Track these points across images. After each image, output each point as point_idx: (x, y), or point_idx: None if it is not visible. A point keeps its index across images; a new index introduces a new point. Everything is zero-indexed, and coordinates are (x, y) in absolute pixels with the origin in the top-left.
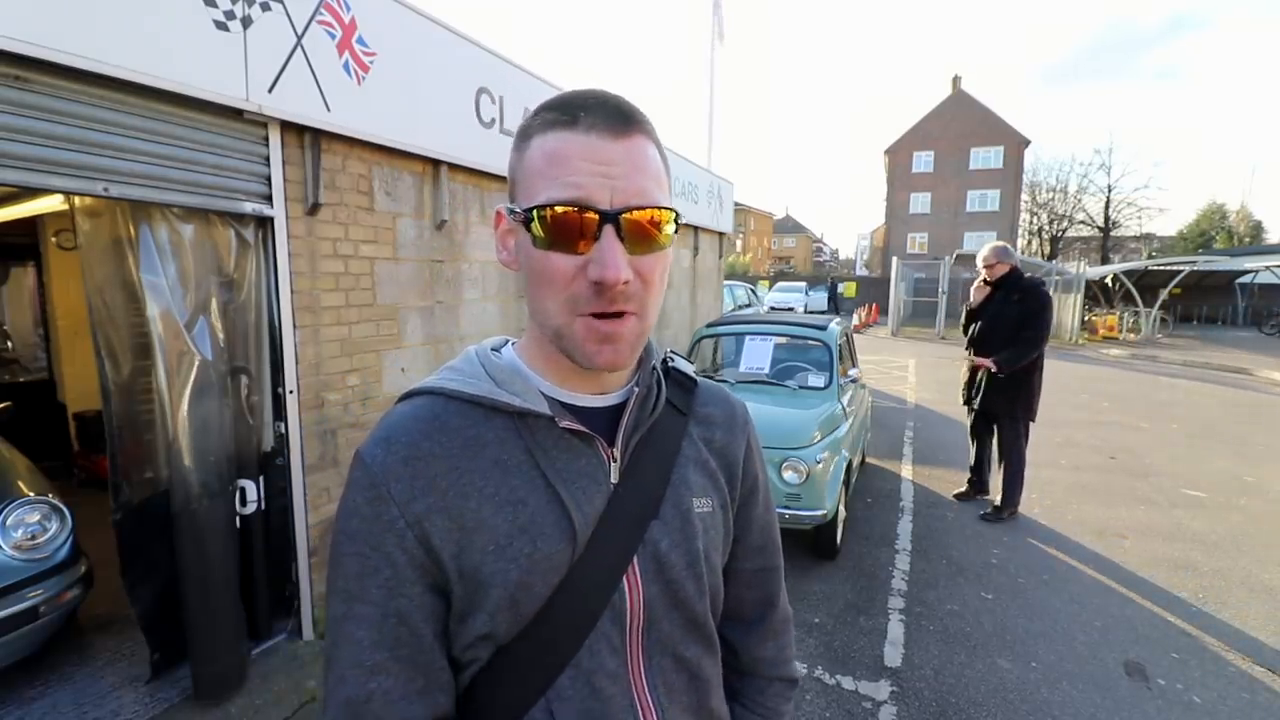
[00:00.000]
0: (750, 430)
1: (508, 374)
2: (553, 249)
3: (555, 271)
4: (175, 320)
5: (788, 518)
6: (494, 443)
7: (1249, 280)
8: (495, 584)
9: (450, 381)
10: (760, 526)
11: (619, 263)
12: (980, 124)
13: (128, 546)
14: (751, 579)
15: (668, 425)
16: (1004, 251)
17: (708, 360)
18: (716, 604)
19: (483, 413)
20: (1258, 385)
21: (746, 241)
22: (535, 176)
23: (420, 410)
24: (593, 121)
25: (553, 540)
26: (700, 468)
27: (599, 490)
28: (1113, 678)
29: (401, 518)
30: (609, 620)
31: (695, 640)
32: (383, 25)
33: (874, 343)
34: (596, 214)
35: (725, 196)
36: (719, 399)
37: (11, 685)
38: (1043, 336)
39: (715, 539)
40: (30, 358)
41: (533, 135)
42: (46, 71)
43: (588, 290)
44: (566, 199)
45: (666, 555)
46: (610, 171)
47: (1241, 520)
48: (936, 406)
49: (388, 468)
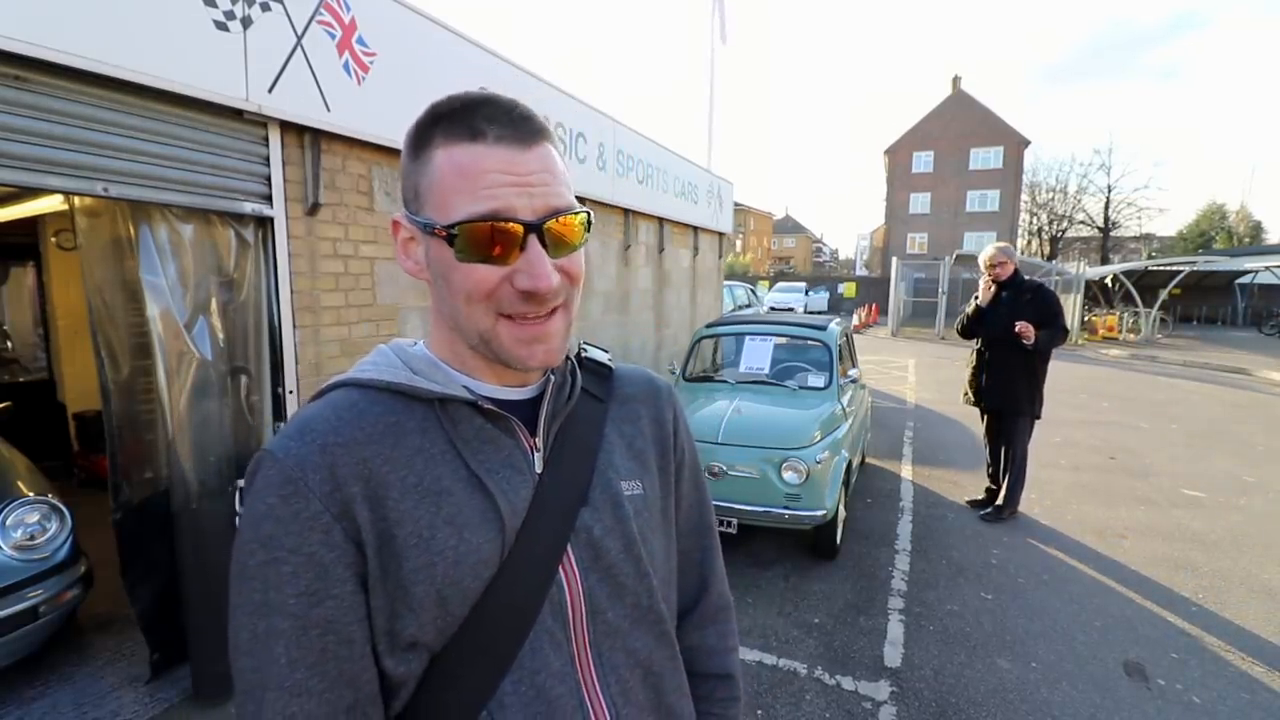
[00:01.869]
0: (676, 403)
1: (425, 364)
2: (477, 260)
3: (479, 282)
4: (175, 320)
5: (787, 518)
6: (415, 431)
7: (1249, 280)
8: (420, 580)
9: (365, 372)
10: (689, 504)
11: (548, 271)
12: (980, 124)
13: (127, 546)
14: (683, 561)
15: (587, 412)
16: (1010, 251)
17: (707, 360)
18: (668, 591)
19: (402, 402)
20: (1257, 385)
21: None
22: (447, 191)
23: (336, 400)
24: (499, 134)
25: (480, 532)
26: (626, 450)
27: (524, 480)
28: (1112, 678)
29: (326, 511)
30: (549, 614)
31: (645, 631)
32: (383, 25)
33: (874, 343)
34: (520, 225)
35: (725, 196)
36: (638, 379)
37: (11, 685)
38: (1068, 330)
39: (652, 521)
40: (30, 358)
41: (434, 146)
42: (46, 71)
43: (513, 296)
44: (486, 213)
45: (601, 541)
46: (527, 181)
47: (1241, 520)
48: (936, 407)
49: (303, 458)
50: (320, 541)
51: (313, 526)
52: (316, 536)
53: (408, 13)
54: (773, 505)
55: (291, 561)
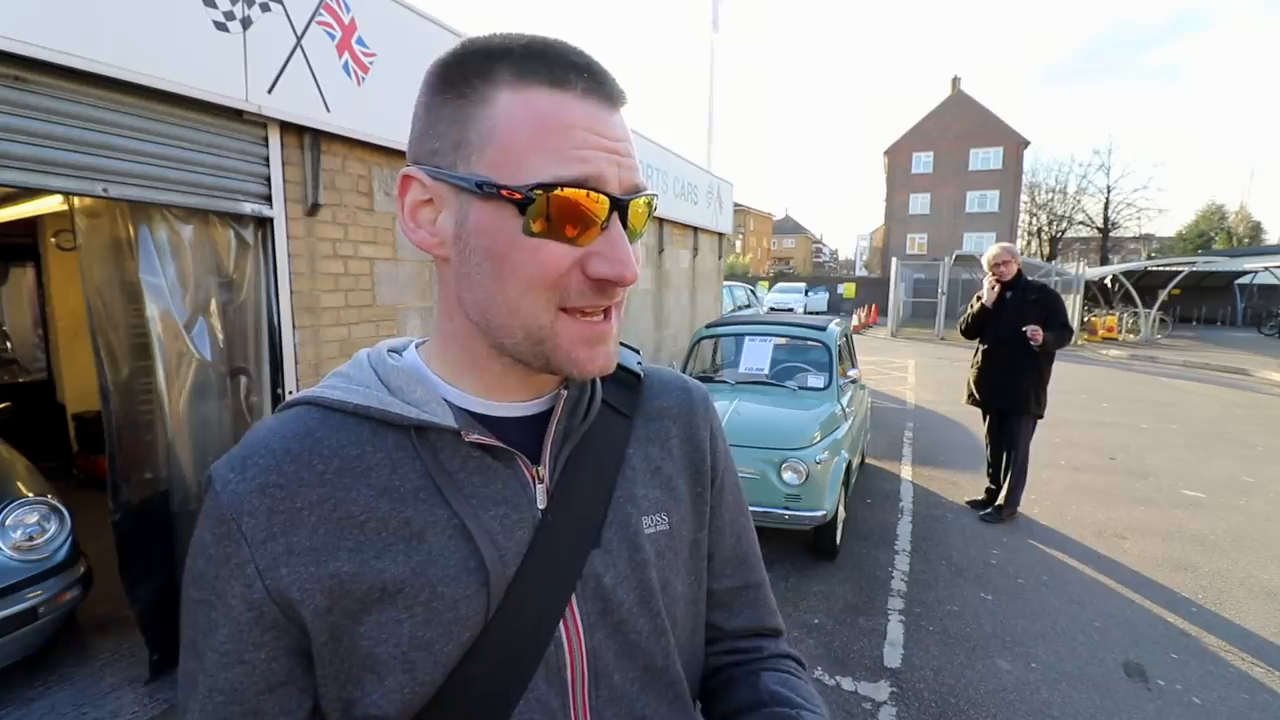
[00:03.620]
0: (713, 417)
1: (405, 379)
2: (550, 237)
3: (550, 264)
4: (174, 321)
5: (787, 518)
6: (382, 465)
7: (1248, 281)
8: (382, 644)
9: (331, 390)
10: (734, 533)
11: (631, 259)
12: (980, 124)
13: (127, 547)
14: (732, 600)
15: (607, 431)
16: (1013, 251)
17: (707, 361)
18: (692, 643)
19: (370, 427)
20: (1257, 385)
21: (746, 242)
22: (522, 145)
23: (289, 426)
24: (587, 87)
25: (458, 585)
26: (652, 477)
27: (521, 520)
28: (1112, 678)
29: (252, 562)
30: (543, 682)
31: (656, 693)
32: (382, 26)
33: (873, 343)
34: (609, 199)
35: (725, 197)
36: (672, 387)
37: (11, 685)
38: (1073, 330)
39: (676, 563)
40: (30, 358)
41: (497, 85)
42: (46, 72)
43: (583, 285)
44: (578, 177)
45: (612, 591)
46: (616, 149)
47: (1241, 520)
48: (936, 407)
49: (240, 498)
50: (240, 595)
51: (237, 576)
52: (238, 589)
53: (408, 13)
54: (773, 505)
55: (218, 608)
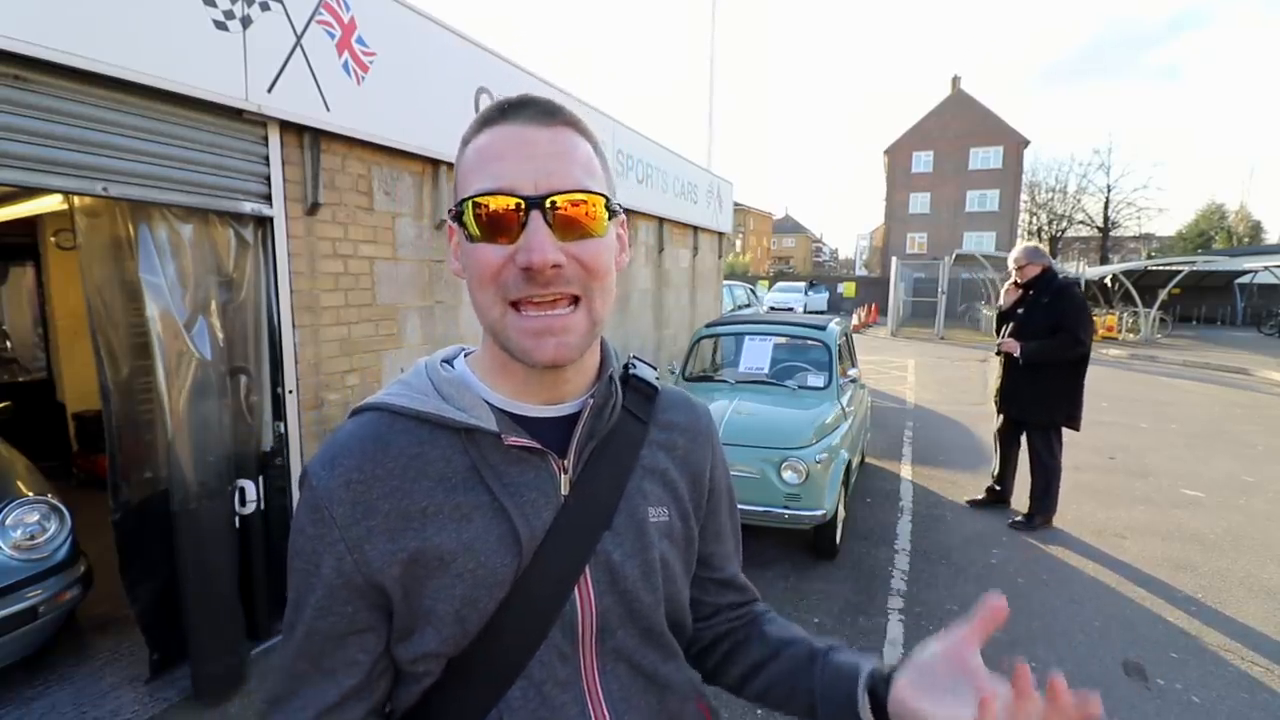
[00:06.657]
0: (715, 439)
1: (455, 388)
2: (483, 240)
3: (485, 263)
4: (174, 320)
5: (787, 517)
6: (438, 460)
7: (1248, 280)
8: (440, 601)
9: (398, 397)
10: (732, 534)
11: (544, 245)
12: (980, 124)
13: (127, 546)
14: (729, 583)
15: (625, 434)
16: (1035, 252)
17: (707, 360)
18: (678, 613)
19: (428, 429)
20: (1257, 385)
21: (746, 241)
22: (467, 174)
23: (365, 429)
24: (519, 114)
25: (498, 555)
26: (659, 477)
27: (548, 503)
28: (1112, 678)
29: (342, 540)
30: (559, 632)
31: (652, 649)
32: (382, 25)
33: (873, 343)
34: (521, 200)
35: (724, 196)
36: (681, 405)
37: (11, 685)
38: (1080, 339)
39: (674, 550)
40: (30, 358)
41: (469, 140)
42: (46, 71)
43: (516, 277)
44: (492, 188)
45: (620, 566)
46: (535, 154)
47: (1241, 520)
48: (936, 407)
49: (330, 491)
50: (332, 566)
51: (329, 551)
52: (330, 560)
53: (408, 13)
54: (772, 505)
55: (315, 575)
